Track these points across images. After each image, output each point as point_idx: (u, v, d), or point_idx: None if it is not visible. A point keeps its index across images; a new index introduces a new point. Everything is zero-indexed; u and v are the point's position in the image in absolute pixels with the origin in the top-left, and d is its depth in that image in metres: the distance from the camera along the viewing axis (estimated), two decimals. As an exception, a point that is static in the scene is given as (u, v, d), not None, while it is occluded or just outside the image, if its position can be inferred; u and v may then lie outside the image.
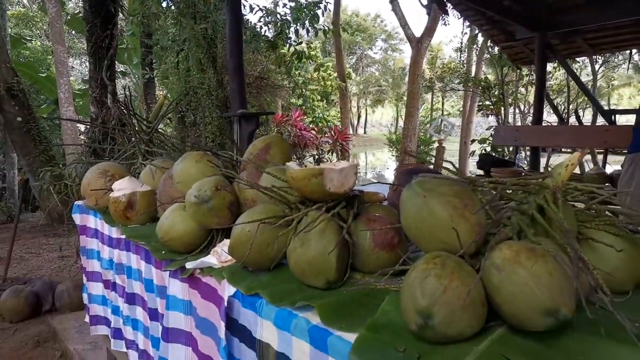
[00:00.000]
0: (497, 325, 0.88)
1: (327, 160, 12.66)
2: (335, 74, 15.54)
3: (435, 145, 12.44)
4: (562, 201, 1.04)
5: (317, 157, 12.53)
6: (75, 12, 10.48)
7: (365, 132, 48.58)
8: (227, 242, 1.37)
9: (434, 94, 21.09)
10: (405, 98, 13.53)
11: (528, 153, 6.07)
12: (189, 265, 1.34)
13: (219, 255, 1.35)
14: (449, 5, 5.24)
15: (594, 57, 5.26)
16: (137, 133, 2.32)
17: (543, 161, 5.06)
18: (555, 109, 7.28)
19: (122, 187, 1.88)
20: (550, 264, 0.82)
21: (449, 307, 0.81)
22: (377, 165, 22.42)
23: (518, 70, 7.01)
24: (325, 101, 20.30)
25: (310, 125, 15.05)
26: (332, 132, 12.74)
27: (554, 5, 4.77)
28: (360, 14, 40.35)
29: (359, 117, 47.81)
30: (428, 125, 14.05)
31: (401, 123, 13.61)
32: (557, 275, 0.81)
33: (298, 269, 1.14)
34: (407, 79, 14.10)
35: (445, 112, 26.01)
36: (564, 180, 1.01)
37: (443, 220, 0.94)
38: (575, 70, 7.53)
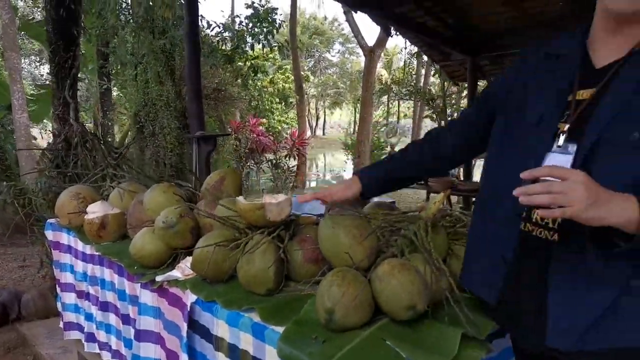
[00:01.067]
0: (381, 318, 1.27)
1: (284, 165, 12.98)
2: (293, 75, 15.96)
3: (388, 149, 13.03)
4: (436, 226, 1.46)
5: (274, 162, 12.84)
6: (30, 18, 10.35)
7: (324, 134, 49.23)
8: (189, 259, 1.71)
9: (390, 97, 21.81)
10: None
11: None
12: (159, 278, 1.67)
13: (183, 270, 1.69)
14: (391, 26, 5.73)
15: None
16: (105, 158, 2.60)
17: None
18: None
19: (95, 210, 2.18)
20: (413, 275, 1.22)
21: (345, 306, 1.20)
22: (336, 166, 22.95)
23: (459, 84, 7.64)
24: (283, 103, 20.61)
25: (269, 127, 15.34)
26: (290, 137, 13.07)
27: (482, 32, 5.37)
28: (318, 17, 40.87)
29: (318, 118, 48.44)
30: (382, 130, 14.63)
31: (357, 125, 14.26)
32: (416, 282, 1.20)
33: (245, 280, 1.50)
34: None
35: (402, 114, 26.86)
36: (433, 213, 1.42)
37: (345, 245, 1.33)
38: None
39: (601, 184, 0.84)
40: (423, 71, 13.08)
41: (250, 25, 7.41)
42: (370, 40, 11.80)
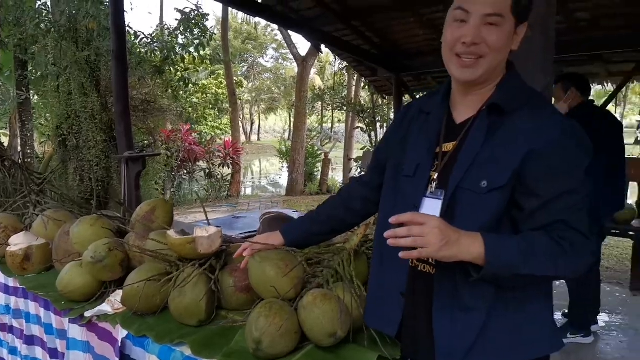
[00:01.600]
0: (307, 345, 1.37)
1: (218, 175, 12.85)
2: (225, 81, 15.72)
3: (322, 157, 13.26)
4: (357, 253, 1.59)
5: (208, 171, 12.68)
6: None
7: (259, 139, 48.97)
8: (119, 292, 1.72)
9: (324, 104, 22.11)
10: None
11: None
12: (88, 313, 1.68)
13: (113, 303, 1.70)
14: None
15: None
16: (27, 184, 2.52)
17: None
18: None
19: (19, 242, 2.12)
20: (334, 304, 1.34)
21: (272, 336, 1.29)
22: (271, 172, 22.94)
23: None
24: (217, 109, 20.29)
25: (202, 134, 15.04)
26: (224, 146, 12.95)
27: (405, 52, 5.71)
28: (251, 22, 40.63)
29: (252, 123, 48.11)
30: (315, 138, 14.83)
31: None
32: (337, 311, 1.32)
33: (177, 313, 1.55)
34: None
35: (336, 119, 27.28)
36: (355, 244, 1.55)
37: (272, 277, 1.42)
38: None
39: (462, 224, 0.99)
40: (354, 82, 13.47)
41: (180, 34, 7.29)
42: (303, 50, 12.00)
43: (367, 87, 8.55)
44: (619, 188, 3.25)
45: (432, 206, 1.10)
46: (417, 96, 7.12)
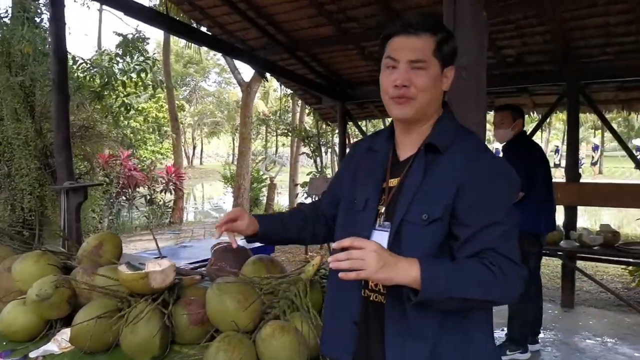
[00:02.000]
0: (265, 376, 1.40)
1: (160, 201, 12.48)
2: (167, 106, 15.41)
3: (268, 182, 13.24)
4: (312, 281, 1.64)
5: (149, 197, 12.28)
6: None
7: (201, 163, 48.08)
8: (66, 330, 1.67)
9: (267, 128, 22.15)
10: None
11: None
12: (33, 354, 1.61)
13: (60, 342, 1.64)
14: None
15: (386, 118, 6.68)
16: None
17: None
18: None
19: (-49, 281, 1.99)
20: (292, 335, 1.38)
21: (231, 370, 1.30)
22: (215, 197, 22.55)
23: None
24: (157, 133, 19.76)
25: (143, 158, 14.58)
26: (166, 171, 12.64)
27: (348, 81, 5.94)
28: (193, 46, 40.23)
29: (195, 147, 47.26)
30: (260, 162, 14.82)
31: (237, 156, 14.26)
32: (295, 343, 1.36)
33: (129, 350, 1.52)
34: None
35: (280, 143, 27.35)
36: (311, 275, 1.60)
37: (231, 310, 1.44)
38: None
39: (408, 253, 1.08)
40: (298, 108, 13.67)
41: (120, 58, 7.13)
42: (247, 75, 12.05)
43: (311, 113, 8.73)
44: (553, 210, 3.55)
45: (380, 238, 1.17)
46: (361, 123, 7.38)
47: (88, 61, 6.50)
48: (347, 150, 1.41)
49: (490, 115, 3.88)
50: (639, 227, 8.88)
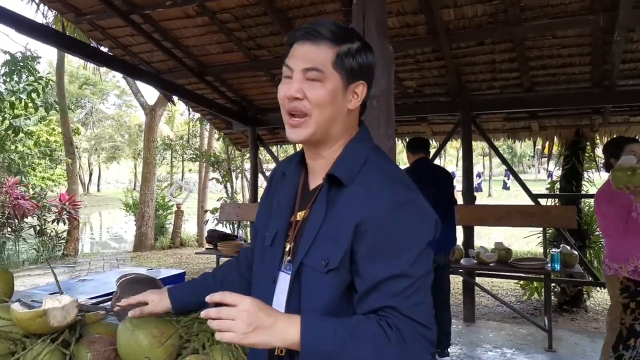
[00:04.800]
0: (181, 414, 1.32)
1: (52, 232, 11.42)
2: (60, 129, 14.28)
3: (175, 209, 12.70)
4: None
5: (39, 228, 11.20)
6: None
7: (98, 190, 45.09)
8: (-57, 383, 1.45)
9: (173, 153, 21.38)
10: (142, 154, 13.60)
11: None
12: None
13: None
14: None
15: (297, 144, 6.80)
16: None
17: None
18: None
19: None
20: (211, 367, 1.32)
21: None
22: (114, 226, 21.15)
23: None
24: (48, 158, 18.22)
25: (32, 185, 13.31)
26: (59, 199, 11.63)
27: (259, 107, 5.99)
28: (89, 66, 38.01)
29: (91, 174, 44.23)
30: (166, 189, 14.21)
31: (140, 182, 13.49)
32: (214, 374, 1.31)
33: (24, 399, 1.36)
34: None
35: (187, 169, 26.50)
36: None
37: (145, 346, 1.35)
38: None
39: (306, 303, 0.95)
40: (207, 133, 13.40)
41: (9, 78, 6.53)
42: (150, 98, 11.63)
43: (221, 138, 8.60)
44: (454, 229, 3.86)
45: (285, 280, 1.02)
46: (272, 149, 7.41)
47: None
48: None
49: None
50: (525, 244, 9.78)
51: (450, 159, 38.21)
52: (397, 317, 0.89)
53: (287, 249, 1.04)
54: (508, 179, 27.42)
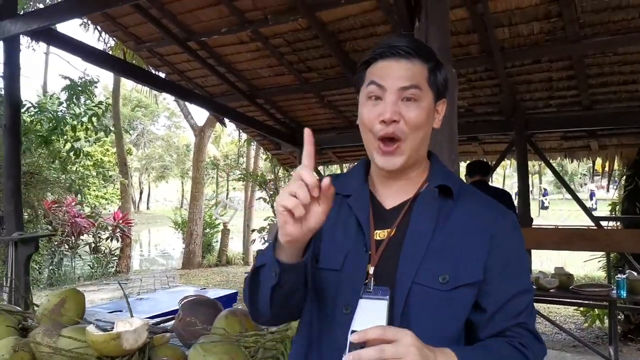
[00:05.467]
0: None
1: (106, 249, 11.86)
2: (114, 149, 14.97)
3: (221, 227, 12.94)
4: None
5: (94, 245, 11.67)
6: None
7: (148, 208, 46.57)
8: (23, 401, 1.51)
9: (219, 172, 21.89)
10: (190, 173, 13.92)
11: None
12: None
13: (16, 416, 1.48)
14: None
15: (343, 164, 6.84)
16: None
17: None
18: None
19: None
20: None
21: None
22: (162, 243, 21.71)
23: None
24: (102, 177, 19.04)
25: (87, 204, 13.92)
26: (113, 218, 12.10)
27: (307, 127, 6.01)
28: (142, 89, 39.74)
29: (141, 192, 45.83)
30: (213, 208, 14.52)
31: (187, 201, 13.84)
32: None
33: (99, 421, 1.39)
34: (192, 155, 14.59)
35: (232, 187, 27.03)
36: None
37: (215, 372, 1.36)
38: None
39: (420, 334, 0.79)
40: (253, 153, 13.67)
41: (72, 103, 6.90)
42: (200, 120, 12.00)
43: (268, 159, 8.74)
44: None
45: (372, 308, 0.87)
46: (320, 168, 7.45)
47: (36, 105, 6.23)
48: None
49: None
50: (581, 267, 9.31)
51: (496, 177, 37.17)
52: (526, 336, 0.90)
53: (369, 271, 0.92)
54: (546, 198, 26.40)
